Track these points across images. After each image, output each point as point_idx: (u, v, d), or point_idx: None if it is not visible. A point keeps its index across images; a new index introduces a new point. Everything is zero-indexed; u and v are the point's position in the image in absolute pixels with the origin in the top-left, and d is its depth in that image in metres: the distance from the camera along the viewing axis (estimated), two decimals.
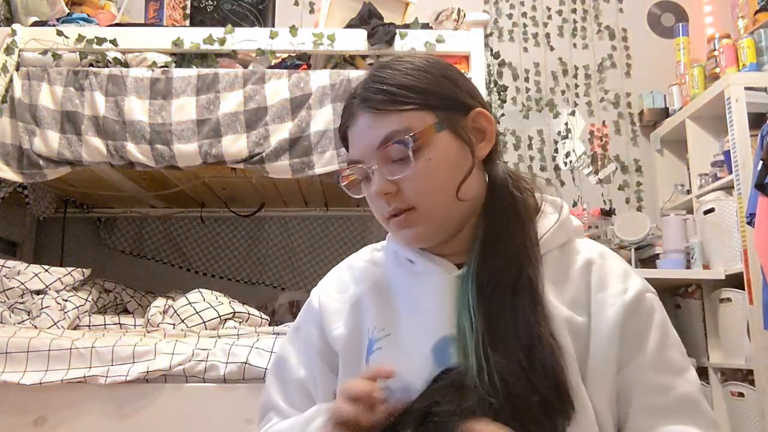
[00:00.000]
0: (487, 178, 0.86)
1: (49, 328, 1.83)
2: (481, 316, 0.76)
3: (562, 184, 3.09)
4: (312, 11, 3.17)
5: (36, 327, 1.84)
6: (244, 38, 2.09)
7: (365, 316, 0.88)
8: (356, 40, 2.10)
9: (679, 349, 0.81)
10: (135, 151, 1.94)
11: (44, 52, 2.04)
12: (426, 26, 2.19)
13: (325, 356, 0.90)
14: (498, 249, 0.80)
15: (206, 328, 1.83)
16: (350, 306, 0.90)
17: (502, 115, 3.00)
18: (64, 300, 1.96)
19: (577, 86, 3.23)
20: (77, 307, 1.96)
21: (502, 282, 0.78)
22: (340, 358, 0.87)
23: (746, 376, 2.39)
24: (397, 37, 2.09)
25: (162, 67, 2.04)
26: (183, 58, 2.10)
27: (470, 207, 0.83)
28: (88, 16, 2.26)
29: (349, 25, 2.15)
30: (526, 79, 3.21)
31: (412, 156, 0.78)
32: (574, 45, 3.27)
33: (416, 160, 0.78)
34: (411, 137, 0.78)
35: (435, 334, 0.79)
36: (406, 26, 2.17)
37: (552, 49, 3.26)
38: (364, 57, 2.12)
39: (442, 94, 0.82)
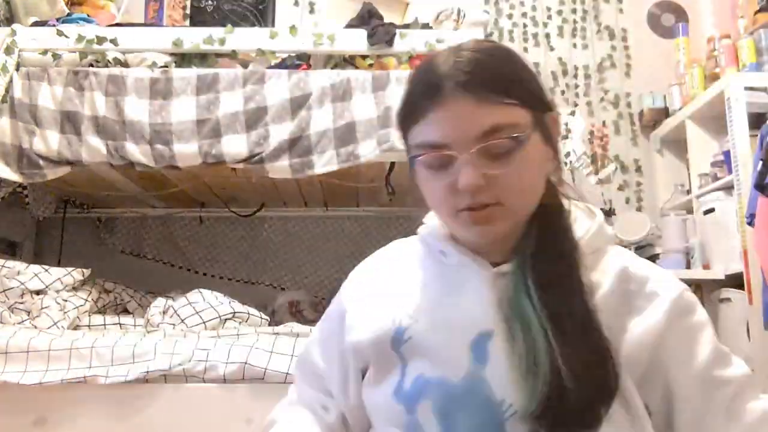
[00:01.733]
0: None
1: (49, 328, 1.83)
2: (544, 310, 0.75)
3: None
4: (312, 11, 3.17)
5: (36, 327, 1.84)
6: (244, 38, 2.09)
7: (393, 301, 0.86)
8: (356, 40, 2.10)
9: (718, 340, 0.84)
10: (135, 151, 1.94)
11: (44, 52, 2.04)
12: (426, 26, 2.19)
13: (344, 352, 0.90)
14: (549, 248, 0.80)
15: (206, 328, 1.83)
16: (378, 294, 0.89)
17: None
18: (64, 300, 1.96)
19: (577, 86, 3.23)
20: (77, 307, 1.96)
21: (558, 278, 0.77)
22: (371, 350, 0.85)
23: None
24: (397, 37, 2.09)
25: (162, 67, 2.04)
26: (183, 58, 2.10)
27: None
28: (88, 16, 2.26)
29: (349, 25, 2.15)
30: None
31: (514, 153, 0.75)
32: (574, 45, 3.27)
33: (516, 156, 0.76)
34: (515, 138, 0.75)
35: (473, 328, 0.78)
36: (406, 26, 2.17)
37: (552, 49, 3.26)
38: (364, 57, 2.12)
39: (536, 92, 0.80)
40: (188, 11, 2.51)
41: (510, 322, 0.77)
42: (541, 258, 0.79)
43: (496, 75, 0.76)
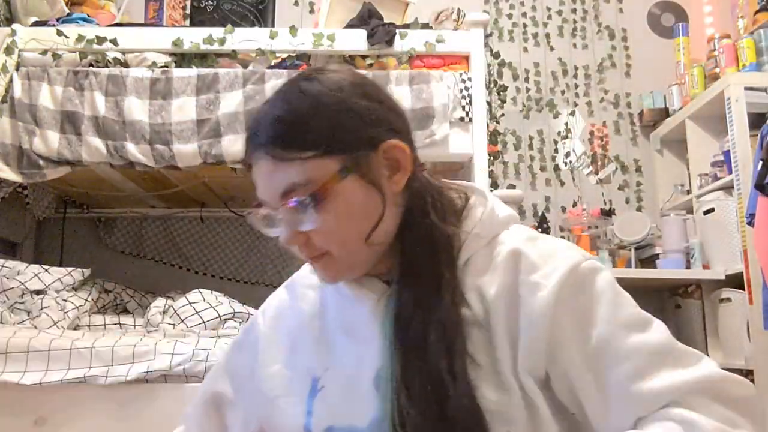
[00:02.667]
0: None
1: (49, 328, 1.83)
2: (397, 355, 0.71)
3: (562, 184, 3.09)
4: (312, 11, 3.17)
5: (36, 327, 1.84)
6: (244, 38, 2.09)
7: (305, 351, 0.83)
8: (356, 40, 2.10)
9: (633, 305, 0.73)
10: (135, 151, 1.94)
11: (44, 52, 2.04)
12: (426, 26, 2.19)
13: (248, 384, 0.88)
14: (413, 276, 0.75)
15: (206, 328, 1.83)
16: (289, 341, 0.86)
17: (502, 115, 3.00)
18: (63, 300, 1.96)
19: (577, 86, 3.23)
20: (77, 307, 1.96)
21: (418, 316, 0.72)
22: (273, 395, 0.83)
23: (746, 376, 2.39)
24: (397, 37, 2.09)
25: (162, 67, 2.04)
26: (183, 58, 2.10)
27: (388, 239, 0.77)
28: (88, 16, 2.26)
29: (349, 25, 2.15)
30: (526, 79, 3.21)
31: (313, 212, 0.72)
32: (574, 45, 3.27)
33: (319, 213, 0.72)
34: (311, 196, 0.71)
35: (372, 364, 0.74)
36: (406, 26, 2.17)
37: (552, 49, 3.26)
38: (364, 57, 2.12)
39: (346, 134, 0.73)
40: (188, 11, 2.51)
41: (386, 361, 0.74)
42: (402, 289, 0.75)
43: (291, 127, 0.73)
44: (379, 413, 0.72)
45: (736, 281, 2.44)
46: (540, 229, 2.79)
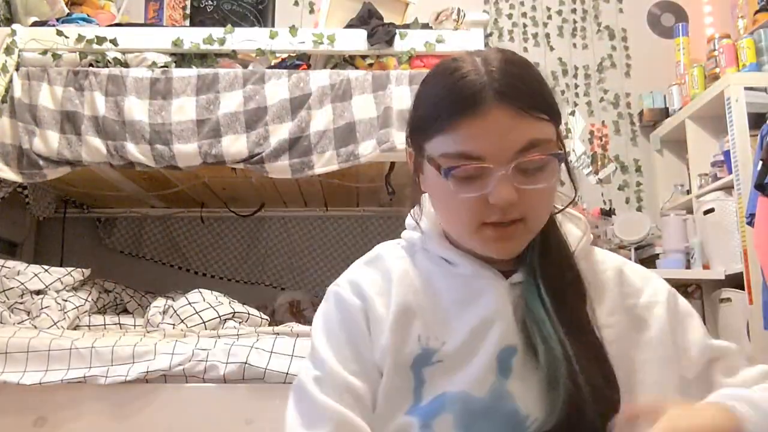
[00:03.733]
0: None
1: (48, 328, 1.83)
2: (560, 324, 0.76)
3: (562, 184, 3.08)
4: (312, 11, 3.17)
5: (36, 327, 1.84)
6: (244, 38, 2.09)
7: (413, 323, 0.81)
8: (356, 40, 2.10)
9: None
10: (135, 151, 1.94)
11: (44, 52, 2.04)
12: (426, 26, 2.19)
13: (364, 351, 0.82)
14: (553, 257, 0.81)
15: (206, 328, 1.83)
16: (395, 314, 0.81)
17: None
18: (63, 300, 1.96)
19: (576, 86, 3.23)
20: (77, 307, 1.96)
21: (568, 289, 0.79)
22: (385, 368, 0.79)
23: None
24: (397, 37, 2.09)
25: (162, 67, 2.04)
26: (183, 58, 2.10)
27: None
28: (88, 16, 2.26)
29: (349, 25, 2.15)
30: None
31: (550, 170, 0.75)
32: (574, 45, 3.27)
33: (548, 173, 0.75)
34: (555, 154, 0.75)
35: (497, 343, 0.77)
36: (406, 26, 2.17)
37: (552, 49, 3.26)
38: (363, 57, 2.12)
39: (555, 104, 0.78)
40: (188, 11, 2.51)
41: (530, 335, 0.76)
42: (548, 267, 0.80)
43: (531, 88, 0.74)
44: (501, 386, 0.75)
45: (736, 281, 2.44)
46: None
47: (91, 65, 2.06)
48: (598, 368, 0.74)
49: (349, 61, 2.13)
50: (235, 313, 1.90)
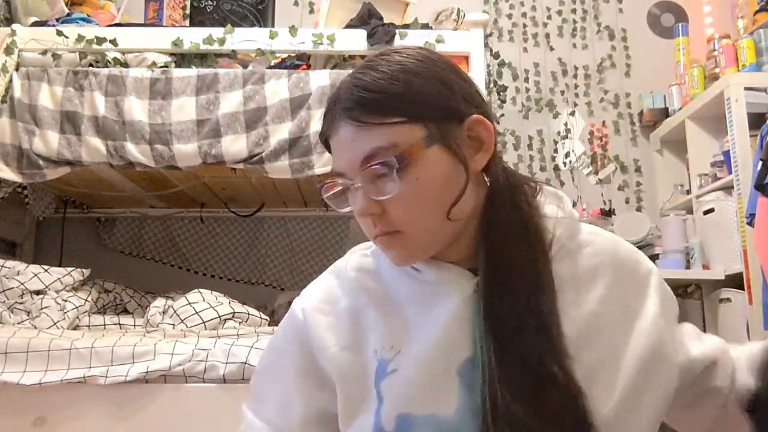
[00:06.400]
0: (487, 185, 0.78)
1: (48, 328, 1.83)
2: (492, 343, 0.69)
3: (562, 184, 3.09)
4: (312, 11, 3.17)
5: (35, 327, 1.84)
6: (244, 38, 2.09)
7: (368, 333, 0.77)
8: (356, 41, 2.10)
9: None
10: (135, 151, 1.94)
11: (44, 52, 2.04)
12: (426, 26, 2.19)
13: (309, 375, 0.80)
14: (504, 263, 0.72)
15: (206, 329, 1.83)
16: (347, 321, 0.79)
17: (502, 115, 3.01)
18: (63, 300, 1.96)
19: (576, 86, 3.23)
20: (77, 308, 1.96)
21: (512, 303, 0.70)
22: (337, 382, 0.77)
23: None
24: (397, 37, 2.09)
25: (162, 67, 2.04)
26: (183, 58, 2.10)
27: (465, 221, 0.76)
28: (88, 16, 2.26)
29: (349, 25, 2.15)
30: (526, 80, 3.21)
31: (396, 177, 0.70)
32: (574, 45, 3.27)
33: (402, 180, 0.70)
34: (396, 158, 0.69)
35: (458, 354, 0.71)
36: (406, 26, 2.17)
37: (552, 49, 3.26)
38: (363, 57, 2.12)
39: (433, 102, 0.72)
40: (188, 11, 2.51)
41: (477, 345, 0.71)
42: (492, 276, 0.72)
43: (378, 93, 0.71)
44: (467, 403, 0.69)
45: (736, 281, 2.44)
46: None
47: (91, 65, 2.06)
48: (531, 404, 0.65)
49: (349, 61, 2.13)
50: (235, 313, 1.90)
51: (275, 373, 0.85)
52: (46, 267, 2.03)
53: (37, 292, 1.97)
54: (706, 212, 2.63)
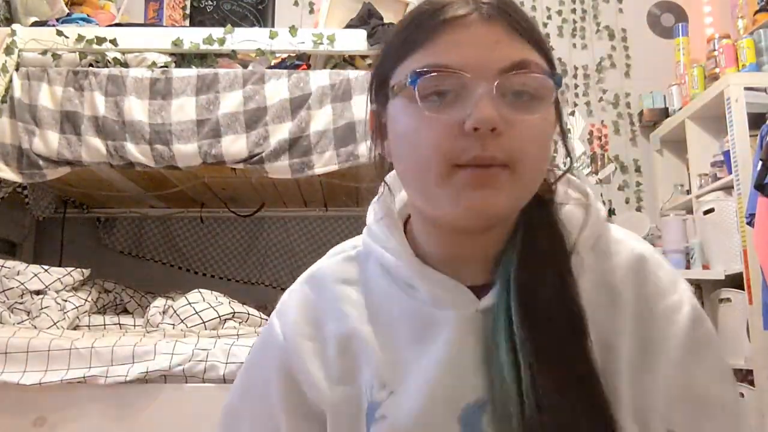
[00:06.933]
0: None
1: (48, 328, 1.83)
2: (529, 363, 0.57)
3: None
4: (312, 11, 3.17)
5: (35, 327, 1.84)
6: (244, 38, 2.09)
7: (359, 361, 0.66)
8: (356, 41, 2.10)
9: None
10: (134, 151, 1.94)
11: (44, 52, 2.04)
12: None
13: (296, 405, 0.68)
14: (539, 267, 0.62)
15: (206, 329, 1.83)
16: (335, 349, 0.67)
17: None
18: (63, 300, 1.96)
19: (576, 86, 3.23)
20: (77, 308, 1.96)
21: (550, 313, 0.59)
22: (329, 415, 0.66)
23: (746, 376, 2.39)
24: None
25: (162, 67, 2.04)
26: (183, 58, 2.10)
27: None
28: (88, 16, 2.26)
29: (349, 25, 2.15)
30: None
31: (543, 104, 0.59)
32: (574, 45, 3.27)
33: (542, 104, 0.59)
34: (557, 76, 0.60)
35: (460, 398, 0.60)
36: None
37: (552, 49, 3.26)
38: (363, 57, 2.12)
39: (552, 58, 0.64)
40: (188, 11, 2.51)
41: (499, 384, 0.59)
42: (528, 282, 0.61)
43: (522, 14, 0.62)
44: None
45: (735, 281, 2.44)
46: None
47: (91, 65, 2.06)
48: (587, 421, 0.56)
49: (348, 61, 2.13)
50: (235, 313, 1.90)
51: (257, 399, 0.73)
52: (46, 267, 2.03)
53: (37, 292, 1.97)
54: (706, 212, 2.63)
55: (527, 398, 0.56)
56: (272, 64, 2.10)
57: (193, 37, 2.08)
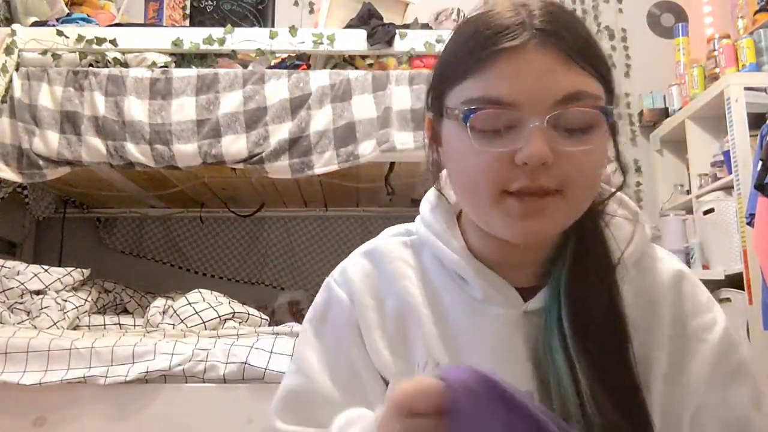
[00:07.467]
0: None
1: (48, 328, 1.83)
2: (584, 367, 0.60)
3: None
4: (312, 11, 3.17)
5: (35, 327, 1.84)
6: (244, 38, 2.09)
7: (414, 342, 0.69)
8: (356, 40, 2.10)
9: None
10: (134, 151, 1.94)
11: (44, 52, 2.04)
12: (426, 26, 2.19)
13: (368, 362, 0.71)
14: (587, 279, 0.64)
15: (206, 329, 1.83)
16: (393, 324, 0.70)
17: None
18: (63, 300, 1.96)
19: None
20: (77, 308, 1.96)
21: (599, 321, 0.62)
22: (389, 386, 0.69)
23: None
24: (397, 37, 2.09)
25: (162, 67, 2.04)
26: (183, 58, 2.10)
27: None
28: (88, 16, 2.26)
29: (349, 25, 2.15)
30: None
31: (596, 133, 0.60)
32: None
33: (592, 135, 0.60)
34: (602, 110, 0.60)
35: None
36: (406, 26, 2.17)
37: (611, 68, 3.25)
38: (363, 57, 2.12)
39: (608, 68, 0.64)
40: (188, 11, 2.51)
41: (545, 377, 0.62)
42: (577, 289, 0.64)
43: (578, 35, 0.61)
44: None
45: (735, 281, 2.44)
46: None
47: (90, 65, 2.06)
48: (629, 423, 0.59)
49: (348, 61, 2.13)
50: (235, 313, 1.90)
51: (332, 341, 0.73)
52: (46, 267, 2.03)
53: (37, 292, 1.97)
54: (706, 212, 2.63)
55: (588, 402, 0.58)
56: (272, 64, 2.10)
57: (193, 37, 2.08)
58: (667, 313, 0.67)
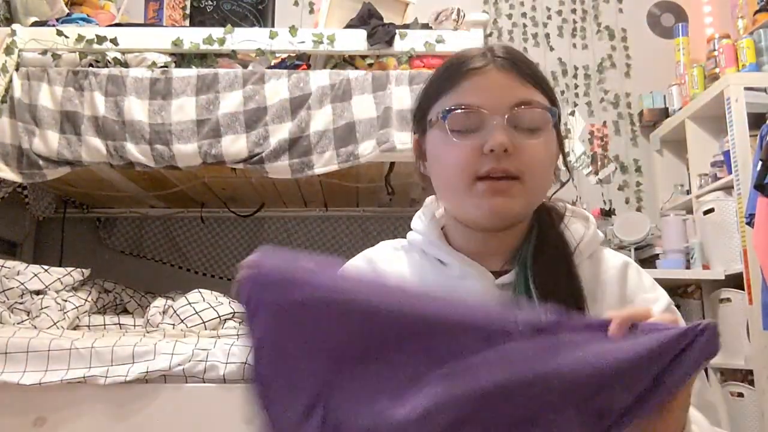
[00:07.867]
0: None
1: (48, 328, 1.83)
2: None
3: (562, 184, 3.09)
4: (312, 11, 3.17)
5: (35, 327, 1.84)
6: (244, 38, 2.09)
7: None
8: (356, 40, 2.10)
9: None
10: (134, 151, 1.94)
11: (44, 52, 2.04)
12: (426, 26, 2.19)
13: None
14: (550, 255, 0.80)
15: (206, 328, 1.83)
16: None
17: None
18: (63, 300, 1.96)
19: (576, 86, 3.23)
20: (77, 308, 1.96)
21: (560, 288, 0.77)
22: None
23: (746, 376, 2.39)
24: (397, 37, 2.09)
25: (162, 67, 2.04)
26: (183, 58, 2.10)
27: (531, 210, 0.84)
28: (88, 16, 2.26)
29: (349, 25, 2.15)
30: None
31: (543, 132, 0.79)
32: (574, 45, 3.27)
33: (543, 133, 0.79)
34: (552, 110, 0.80)
35: None
36: (406, 26, 2.17)
37: (552, 49, 3.26)
38: (363, 57, 2.12)
39: (553, 93, 0.84)
40: (188, 11, 2.51)
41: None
42: (541, 265, 0.79)
43: (530, 66, 0.82)
44: None
45: (735, 281, 2.44)
46: None
47: (90, 65, 2.06)
48: None
49: (348, 61, 2.13)
50: (235, 313, 1.91)
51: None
52: (46, 267, 2.03)
53: (37, 292, 1.97)
54: (706, 212, 2.63)
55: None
56: (272, 64, 2.10)
57: (193, 37, 2.08)
58: (616, 291, 0.82)
